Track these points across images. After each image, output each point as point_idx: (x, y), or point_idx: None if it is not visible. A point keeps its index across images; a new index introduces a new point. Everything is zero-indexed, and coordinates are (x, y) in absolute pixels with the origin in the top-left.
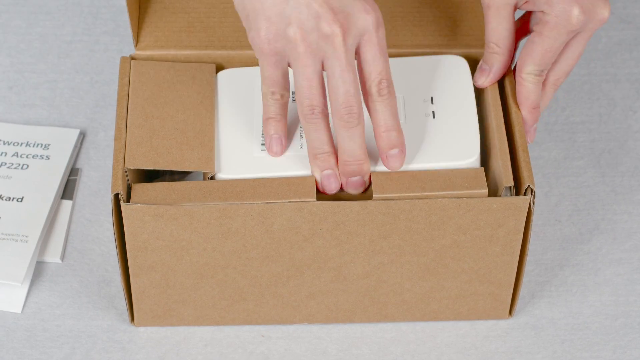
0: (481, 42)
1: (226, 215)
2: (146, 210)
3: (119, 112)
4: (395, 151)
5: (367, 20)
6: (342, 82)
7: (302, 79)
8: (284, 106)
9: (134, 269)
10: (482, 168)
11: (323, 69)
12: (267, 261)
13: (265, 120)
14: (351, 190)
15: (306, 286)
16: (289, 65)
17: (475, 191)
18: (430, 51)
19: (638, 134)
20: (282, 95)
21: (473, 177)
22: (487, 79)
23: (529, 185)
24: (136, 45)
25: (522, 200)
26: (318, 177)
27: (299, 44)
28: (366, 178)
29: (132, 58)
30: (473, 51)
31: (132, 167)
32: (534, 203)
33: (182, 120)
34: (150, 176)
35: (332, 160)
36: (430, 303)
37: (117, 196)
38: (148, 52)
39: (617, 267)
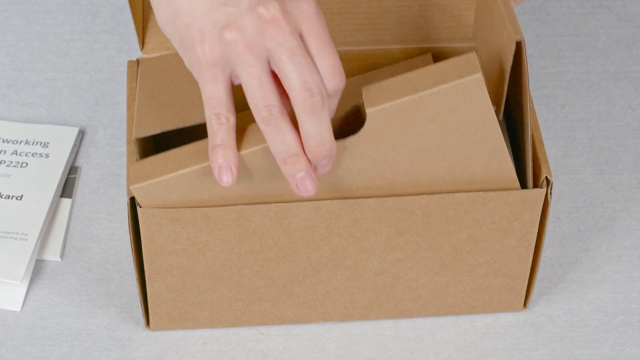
0: (460, 36)
1: (243, 216)
2: (163, 214)
3: (129, 116)
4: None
5: (308, 4)
6: (294, 66)
7: (251, 80)
8: (231, 131)
9: (150, 273)
10: (474, 51)
11: (271, 67)
12: (284, 261)
13: (212, 148)
14: (321, 171)
15: (322, 285)
16: (231, 82)
17: (469, 77)
18: (429, 47)
19: (637, 132)
20: (227, 119)
21: (465, 63)
22: None
23: (546, 177)
24: (142, 49)
25: (538, 193)
26: (292, 183)
27: (238, 43)
28: (333, 159)
29: (139, 62)
30: (459, 45)
31: (140, 136)
32: (551, 194)
33: (190, 92)
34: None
35: (303, 160)
36: (446, 298)
37: (132, 200)
38: (154, 55)
39: (616, 265)
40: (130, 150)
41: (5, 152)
